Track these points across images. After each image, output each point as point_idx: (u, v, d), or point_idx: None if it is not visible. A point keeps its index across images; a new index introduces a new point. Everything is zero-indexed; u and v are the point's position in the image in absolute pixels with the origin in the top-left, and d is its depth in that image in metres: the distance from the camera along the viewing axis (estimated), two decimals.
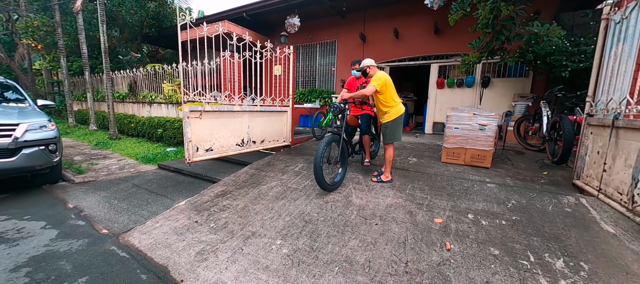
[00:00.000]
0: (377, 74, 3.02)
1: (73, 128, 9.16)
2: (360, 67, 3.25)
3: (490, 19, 4.00)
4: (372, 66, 3.18)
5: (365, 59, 3.23)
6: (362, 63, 3.24)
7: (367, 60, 3.20)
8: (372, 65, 3.18)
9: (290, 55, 4.83)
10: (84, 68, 8.41)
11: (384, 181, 3.18)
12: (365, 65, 3.19)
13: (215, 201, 2.98)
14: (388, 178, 3.20)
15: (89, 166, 4.74)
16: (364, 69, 3.20)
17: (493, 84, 6.38)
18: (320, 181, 2.74)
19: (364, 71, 3.21)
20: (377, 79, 2.97)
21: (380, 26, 7.72)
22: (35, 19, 9.47)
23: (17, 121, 3.23)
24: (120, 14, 10.84)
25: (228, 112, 3.74)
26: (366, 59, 3.22)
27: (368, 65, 3.18)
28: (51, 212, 2.93)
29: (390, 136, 3.15)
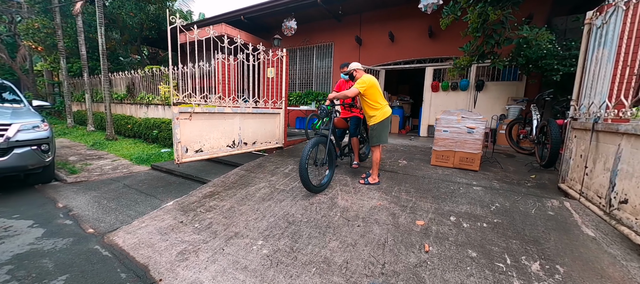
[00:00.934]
0: (363, 77, 3.06)
1: (71, 129, 9.24)
2: (347, 71, 3.29)
3: (480, 23, 4.03)
4: (358, 70, 3.22)
5: (352, 63, 3.28)
6: (349, 67, 3.28)
7: (354, 64, 3.25)
8: (358, 68, 3.22)
9: (283, 57, 4.87)
10: (83, 69, 8.50)
11: (371, 183, 3.20)
12: (352, 68, 3.23)
13: (202, 202, 3.01)
14: (375, 180, 3.22)
15: (83, 166, 4.78)
16: (351, 72, 3.24)
17: (487, 88, 6.41)
18: (306, 182, 2.76)
19: (351, 74, 3.24)
20: (361, 81, 3.01)
21: (375, 29, 7.78)
22: (35, 21, 9.60)
23: (10, 121, 3.27)
24: (120, 16, 10.95)
25: (219, 113, 3.78)
26: (353, 63, 3.27)
27: (354, 69, 3.22)
28: (40, 211, 2.96)
29: (376, 138, 3.17)
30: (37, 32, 9.51)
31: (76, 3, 8.13)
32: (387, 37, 7.43)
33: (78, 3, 8.11)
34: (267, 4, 8.11)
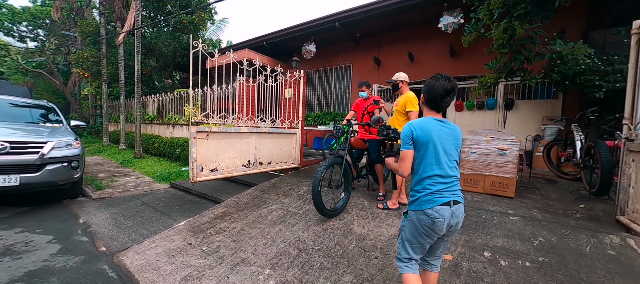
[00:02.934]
0: (412, 96, 2.84)
1: (106, 147, 9.92)
2: (392, 80, 3.01)
3: (506, 38, 3.80)
4: (405, 82, 2.97)
5: (399, 73, 3.00)
6: (395, 76, 3.00)
7: (402, 74, 2.98)
8: (405, 80, 2.97)
9: (301, 79, 4.92)
10: (120, 93, 9.26)
11: (391, 208, 2.95)
12: (399, 79, 2.97)
13: (213, 223, 2.92)
14: (395, 205, 2.96)
15: (109, 183, 5.00)
16: (397, 83, 2.98)
17: (518, 107, 5.96)
18: (319, 205, 2.59)
19: (396, 85, 2.99)
20: (415, 103, 2.79)
21: (394, 50, 7.75)
22: (85, 52, 10.79)
23: (46, 139, 3.52)
24: (156, 45, 12.04)
25: (235, 133, 3.80)
26: (400, 73, 3.00)
27: (401, 81, 2.97)
28: (61, 226, 3.05)
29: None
30: (85, 60, 10.67)
31: (119, 35, 9.07)
32: (407, 57, 7.34)
33: (121, 35, 9.03)
34: (287, 30, 8.48)
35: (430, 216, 1.25)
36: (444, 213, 1.25)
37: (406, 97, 2.87)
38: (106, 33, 10.35)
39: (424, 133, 1.32)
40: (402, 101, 2.91)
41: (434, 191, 1.28)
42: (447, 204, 1.26)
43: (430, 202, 1.27)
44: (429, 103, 1.41)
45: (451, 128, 1.38)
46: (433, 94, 1.35)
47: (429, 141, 1.31)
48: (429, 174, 1.31)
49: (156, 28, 12.66)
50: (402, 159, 1.38)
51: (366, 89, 3.30)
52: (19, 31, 16.10)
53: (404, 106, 2.87)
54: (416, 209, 1.31)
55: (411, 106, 2.82)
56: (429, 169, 1.31)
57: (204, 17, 12.02)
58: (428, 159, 1.31)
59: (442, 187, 1.29)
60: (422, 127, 1.33)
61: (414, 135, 1.33)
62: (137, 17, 8.12)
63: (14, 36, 16.28)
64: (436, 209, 1.25)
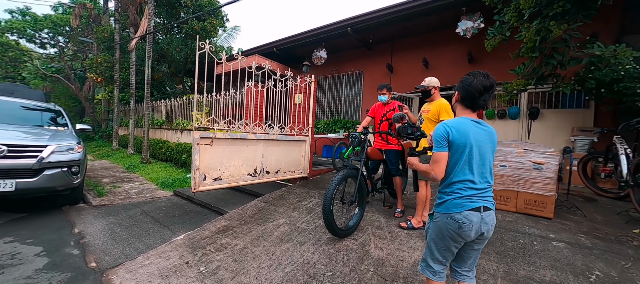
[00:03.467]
0: (445, 103, 2.57)
1: (115, 151, 9.94)
2: (423, 86, 2.70)
3: (537, 41, 3.46)
4: (437, 88, 2.69)
5: (430, 78, 2.71)
6: (426, 81, 2.70)
7: (433, 79, 2.69)
8: (438, 86, 2.69)
9: (312, 84, 4.69)
10: (131, 98, 9.29)
11: (416, 227, 2.61)
12: (431, 85, 2.67)
13: (214, 238, 2.66)
14: (420, 224, 2.63)
15: (111, 189, 4.84)
16: (429, 89, 2.68)
17: (543, 116, 5.54)
18: (331, 225, 2.29)
19: (428, 91, 2.69)
20: (449, 112, 2.52)
21: (408, 56, 7.47)
22: (99, 57, 10.99)
23: (46, 143, 3.38)
24: (169, 51, 12.18)
25: (241, 139, 3.57)
26: (431, 78, 2.71)
27: (434, 86, 2.67)
28: (54, 236, 2.85)
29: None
30: (99, 65, 10.85)
31: (132, 40, 9.17)
32: (421, 63, 7.03)
33: (134, 40, 9.14)
34: (298, 35, 8.35)
35: (457, 221, 1.19)
36: (472, 218, 1.18)
37: (439, 105, 2.58)
38: (120, 39, 10.52)
39: (461, 135, 1.23)
40: (434, 108, 2.61)
41: (464, 196, 1.21)
42: (476, 209, 1.19)
43: (458, 207, 1.20)
44: (464, 101, 1.31)
45: (488, 130, 1.28)
46: (470, 90, 1.26)
47: (466, 144, 1.22)
48: (460, 179, 1.22)
49: (169, 34, 12.85)
50: (435, 162, 1.26)
51: (387, 93, 3.02)
52: (41, 38, 16.72)
53: (436, 114, 2.58)
54: (443, 212, 1.24)
55: (446, 114, 2.52)
56: (461, 174, 1.23)
57: (215, 24, 12.09)
58: (462, 163, 1.22)
59: (473, 192, 1.21)
60: (459, 128, 1.24)
61: (450, 136, 1.24)
62: (149, 22, 8.19)
63: (36, 43, 16.92)
64: (464, 214, 1.18)
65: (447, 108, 2.54)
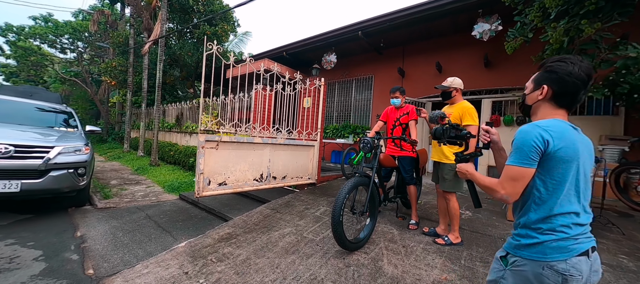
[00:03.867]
0: (468, 106, 2.36)
1: (126, 153, 10.07)
2: (444, 86, 2.50)
3: (565, 42, 3.22)
4: (459, 90, 2.47)
5: (453, 78, 2.51)
6: (448, 81, 2.49)
7: (456, 79, 2.49)
8: (460, 87, 2.47)
9: (321, 87, 4.56)
10: (142, 101, 9.43)
11: (454, 243, 2.40)
12: (453, 86, 2.45)
13: (216, 247, 2.52)
14: (458, 240, 2.42)
15: (118, 191, 4.81)
16: (450, 90, 2.47)
17: None
18: (340, 238, 2.11)
19: (449, 92, 2.49)
20: (474, 116, 2.31)
21: (420, 60, 7.25)
22: (113, 61, 11.27)
23: (53, 144, 3.35)
24: (181, 56, 12.40)
25: (248, 143, 3.45)
26: (454, 78, 2.50)
27: (455, 88, 2.46)
28: (56, 239, 2.78)
29: (453, 183, 2.38)
30: (113, 69, 11.12)
31: (145, 45, 9.35)
32: (434, 68, 6.81)
33: (147, 44, 9.31)
34: (308, 40, 8.29)
35: (562, 272, 0.82)
36: (582, 267, 0.83)
37: (462, 107, 2.38)
38: (134, 43, 10.77)
39: (568, 147, 0.86)
40: (456, 111, 2.40)
41: (570, 236, 0.86)
42: (585, 253, 0.85)
43: (563, 252, 0.84)
44: (560, 98, 0.94)
45: (587, 140, 0.93)
46: (571, 82, 0.90)
47: (574, 160, 0.87)
48: (565, 210, 0.86)
49: (181, 39, 13.10)
50: (513, 179, 0.90)
51: (400, 96, 2.84)
52: (61, 43, 17.42)
53: (459, 117, 2.36)
54: (536, 258, 0.87)
55: (469, 118, 2.31)
56: (566, 203, 0.87)
57: (226, 29, 12.26)
58: (568, 187, 0.86)
59: (580, 230, 0.87)
60: (563, 135, 0.87)
61: (550, 146, 0.86)
62: (162, 27, 8.32)
63: (57, 48, 17.63)
64: (572, 263, 0.83)
65: (472, 111, 2.33)
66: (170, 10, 10.94)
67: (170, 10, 11.10)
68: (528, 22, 3.89)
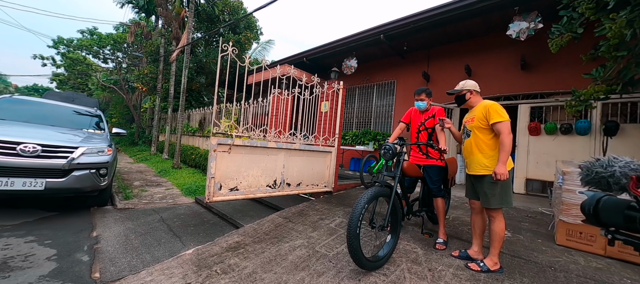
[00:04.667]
0: (490, 103, 2.08)
1: (152, 155, 10.55)
2: (456, 90, 2.27)
3: (628, 35, 2.73)
4: (474, 92, 2.23)
5: (465, 81, 2.29)
6: (459, 85, 2.28)
7: (468, 82, 2.25)
8: (474, 89, 2.23)
9: (340, 91, 4.36)
10: (169, 106, 9.87)
11: (492, 270, 2.02)
12: (465, 88, 2.22)
13: (223, 257, 2.37)
14: (497, 266, 2.03)
15: (139, 193, 4.92)
16: (462, 93, 2.23)
17: (625, 132, 4.50)
18: (356, 253, 1.85)
19: (462, 96, 2.24)
20: (501, 111, 2.01)
21: (447, 63, 6.81)
22: (145, 69, 11.99)
23: (78, 145, 3.47)
24: (207, 64, 12.93)
25: (261, 148, 3.33)
26: (466, 81, 2.28)
27: (468, 90, 2.22)
28: (72, 239, 2.81)
29: (500, 196, 2.00)
30: (145, 76, 11.82)
31: (173, 52, 9.83)
32: (463, 71, 6.33)
33: (175, 52, 9.79)
34: (328, 45, 8.19)
35: None
36: None
37: (484, 106, 2.09)
38: (165, 52, 11.40)
39: None
40: (479, 112, 2.11)
41: None
42: None
43: None
44: None
45: None
46: None
47: None
48: None
49: (208, 47, 13.69)
50: None
51: (426, 98, 2.55)
52: (104, 54, 19.06)
53: (483, 118, 2.07)
54: None
55: (497, 115, 2.00)
56: None
57: (250, 37, 12.62)
58: None
59: None
60: None
61: None
62: (190, 36, 8.69)
63: (100, 58, 19.32)
64: None
65: (496, 107, 2.02)
66: (197, 19, 11.49)
67: (198, 19, 11.66)
68: (577, 16, 3.42)
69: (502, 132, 1.95)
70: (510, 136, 1.94)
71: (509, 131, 1.96)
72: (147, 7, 14.92)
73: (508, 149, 1.92)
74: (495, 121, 1.98)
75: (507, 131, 1.94)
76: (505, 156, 1.92)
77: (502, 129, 1.95)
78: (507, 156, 1.93)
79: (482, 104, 2.13)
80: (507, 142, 1.92)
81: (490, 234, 2.07)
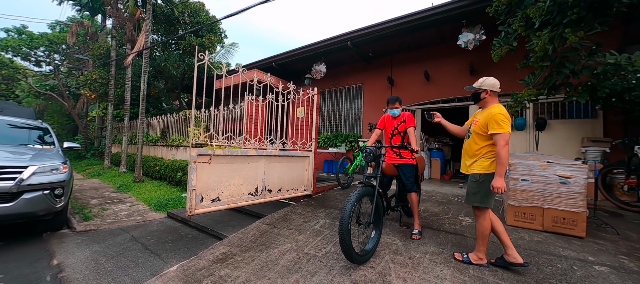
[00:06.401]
0: (497, 112, 1.96)
1: (106, 169, 9.53)
2: (473, 87, 2.16)
3: (550, 49, 3.37)
4: (492, 92, 2.09)
5: (485, 78, 2.14)
6: (479, 82, 2.14)
7: (488, 80, 2.11)
8: (493, 89, 2.09)
9: (314, 97, 4.52)
10: (124, 114, 9.03)
11: (475, 263, 2.14)
12: (483, 87, 2.10)
13: (211, 269, 2.34)
14: (481, 261, 2.12)
15: (99, 212, 4.48)
16: (478, 92, 2.13)
17: (551, 127, 5.42)
18: (348, 250, 2.01)
19: (478, 94, 2.14)
20: (504, 123, 1.92)
21: (408, 69, 7.42)
22: (94, 73, 10.80)
23: (27, 163, 3.08)
24: (166, 67, 12.08)
25: (242, 156, 3.32)
26: (486, 78, 2.13)
27: (486, 89, 2.10)
28: (29, 270, 2.50)
29: (481, 196, 2.04)
30: (93, 82, 10.64)
31: (128, 56, 9.04)
32: (422, 76, 6.98)
33: (130, 56, 9.00)
34: (297, 50, 8.31)
35: None
36: None
37: (489, 114, 1.99)
38: (116, 55, 10.40)
39: None
40: (483, 117, 2.04)
41: None
42: None
43: None
44: None
45: None
46: None
47: None
48: None
49: (166, 51, 12.81)
50: None
51: (399, 106, 2.83)
52: (36, 56, 16.56)
53: (485, 125, 2.01)
54: None
55: (496, 126, 1.93)
56: None
57: (213, 40, 12.11)
58: None
59: None
60: None
61: None
62: (147, 38, 8.09)
63: (31, 61, 16.73)
64: None
65: (498, 117, 1.93)
66: (154, 21, 10.71)
67: (155, 21, 10.87)
68: (512, 31, 4.07)
69: (498, 144, 1.91)
70: (506, 147, 1.89)
71: (506, 142, 1.90)
72: (91, 4, 13.45)
73: (504, 162, 1.89)
74: (493, 132, 1.94)
75: (503, 143, 1.89)
76: (502, 169, 1.89)
77: (498, 141, 1.92)
78: (504, 169, 1.90)
79: (490, 109, 2.03)
80: (503, 154, 1.88)
81: (476, 232, 2.17)
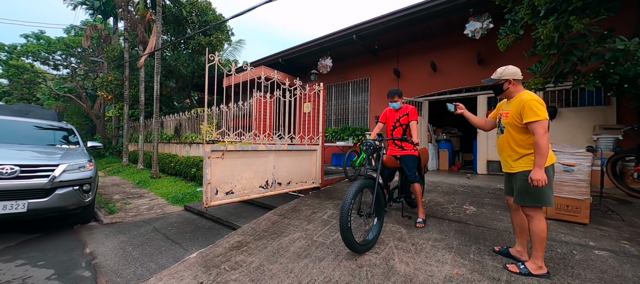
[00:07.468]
0: (528, 98, 1.78)
1: (125, 167, 10.02)
2: (493, 79, 1.98)
3: (556, 37, 3.33)
4: (514, 81, 1.91)
5: (504, 67, 1.95)
6: (497, 72, 1.96)
7: (508, 69, 1.92)
8: (514, 78, 1.91)
9: (320, 92, 4.63)
10: (140, 114, 9.42)
11: (534, 274, 1.82)
12: (503, 77, 1.92)
13: (228, 256, 2.54)
14: (541, 270, 1.83)
15: (122, 206, 4.80)
16: (500, 83, 1.94)
17: (562, 115, 5.33)
18: (350, 242, 2.15)
19: (500, 86, 1.95)
20: (534, 107, 1.74)
21: (415, 61, 7.39)
22: (110, 75, 11.25)
23: (58, 162, 3.36)
24: (176, 67, 12.42)
25: (252, 151, 3.50)
26: (506, 67, 1.94)
27: (506, 79, 1.92)
28: (65, 257, 2.78)
29: (535, 194, 1.79)
30: (109, 84, 11.10)
31: (141, 57, 9.36)
32: (429, 67, 6.94)
33: (142, 57, 9.33)
34: (303, 45, 8.39)
35: None
36: None
37: (521, 102, 1.81)
38: (129, 57, 10.78)
39: None
40: (514, 107, 1.86)
41: None
42: None
43: None
44: None
45: None
46: None
47: None
48: None
49: (176, 50, 13.13)
50: None
51: (398, 99, 2.91)
52: (54, 60, 17.34)
53: (518, 115, 1.82)
54: None
55: (531, 113, 1.74)
56: None
57: (221, 38, 12.31)
58: None
59: None
60: None
61: None
62: (157, 39, 8.36)
63: (49, 64, 17.55)
64: None
65: (532, 103, 1.75)
66: (164, 22, 10.99)
67: (164, 22, 11.15)
68: (518, 19, 4.02)
69: (537, 133, 1.71)
70: (545, 136, 1.69)
71: (545, 130, 1.70)
72: (104, 8, 13.88)
73: (544, 152, 1.68)
74: (529, 121, 1.74)
75: (542, 131, 1.69)
76: (541, 160, 1.68)
77: (536, 130, 1.71)
78: (544, 160, 1.68)
79: (519, 97, 1.84)
80: (542, 144, 1.68)
81: (530, 236, 1.88)
